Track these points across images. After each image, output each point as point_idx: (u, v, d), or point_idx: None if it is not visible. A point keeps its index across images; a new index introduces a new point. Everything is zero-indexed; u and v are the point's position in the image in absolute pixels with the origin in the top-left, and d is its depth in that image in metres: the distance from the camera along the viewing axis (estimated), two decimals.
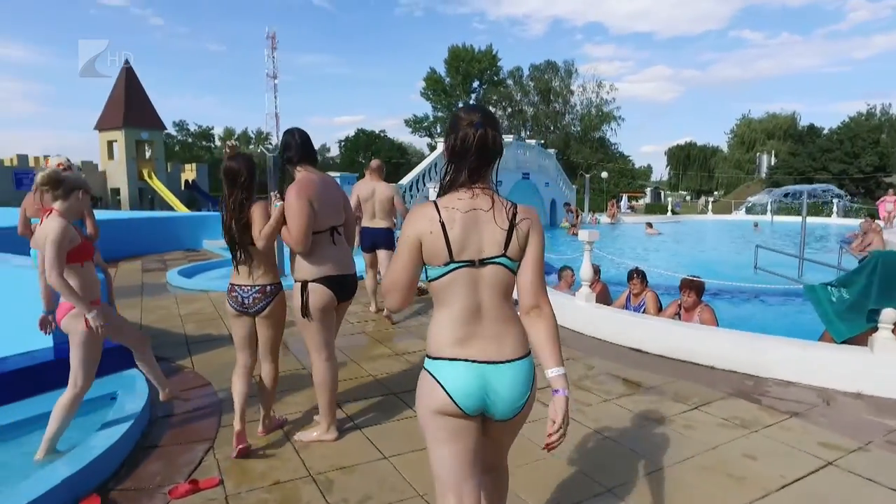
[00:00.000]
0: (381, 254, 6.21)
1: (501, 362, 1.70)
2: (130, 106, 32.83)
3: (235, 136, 67.42)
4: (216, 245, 13.10)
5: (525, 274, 1.76)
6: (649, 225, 20.67)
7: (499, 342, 1.71)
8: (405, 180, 17.63)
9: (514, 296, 1.77)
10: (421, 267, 1.75)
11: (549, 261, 10.12)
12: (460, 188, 1.74)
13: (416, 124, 59.97)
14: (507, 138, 20.80)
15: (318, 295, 3.24)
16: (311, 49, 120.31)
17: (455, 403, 1.68)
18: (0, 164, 30.20)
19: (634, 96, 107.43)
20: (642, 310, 5.99)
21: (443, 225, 1.68)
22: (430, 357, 1.76)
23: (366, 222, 6.20)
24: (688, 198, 58.18)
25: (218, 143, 64.61)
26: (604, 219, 26.54)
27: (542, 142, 32.65)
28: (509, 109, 57.92)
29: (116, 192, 35.57)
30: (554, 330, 1.76)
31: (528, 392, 1.74)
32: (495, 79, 58.80)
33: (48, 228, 2.99)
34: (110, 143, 34.87)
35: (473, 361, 1.69)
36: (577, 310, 5.92)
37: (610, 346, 5.37)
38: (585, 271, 5.93)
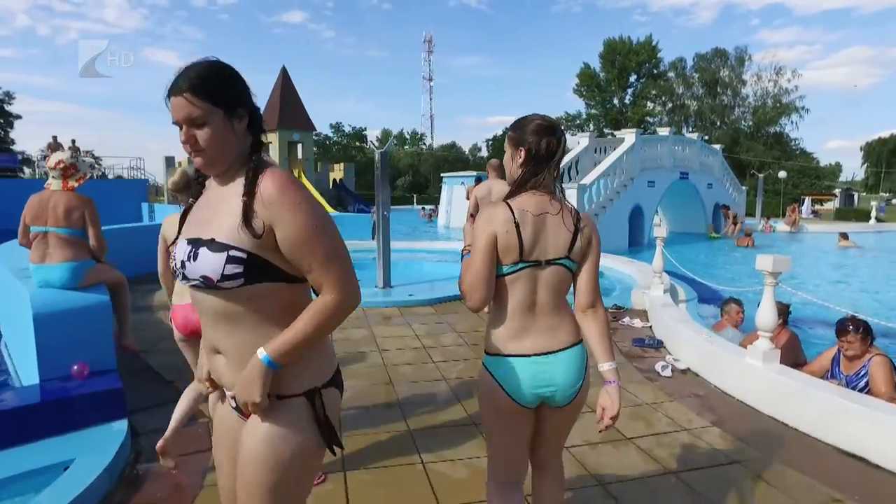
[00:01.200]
0: None
1: (555, 351, 1.77)
2: (285, 108, 34.76)
3: (392, 137, 71.57)
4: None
5: (584, 276, 1.84)
6: (843, 236, 16.76)
7: (552, 334, 1.79)
8: None
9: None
10: (496, 265, 1.77)
11: (716, 289, 7.89)
12: (531, 190, 1.81)
13: (568, 122, 57.66)
14: (663, 131, 18.09)
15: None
16: (467, 51, 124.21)
17: (514, 401, 1.77)
18: (174, 166, 33.52)
19: (819, 84, 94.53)
20: (863, 383, 3.83)
21: (517, 225, 1.74)
22: (488, 354, 1.82)
23: None
24: (894, 201, 48.78)
25: (375, 143, 67.77)
26: (780, 226, 22.48)
27: (706, 137, 28.83)
28: (669, 104, 53.25)
29: None
30: (606, 328, 1.87)
31: (581, 378, 1.81)
32: (654, 72, 54.27)
33: None
34: (267, 145, 37.12)
35: (528, 356, 1.76)
36: (748, 372, 3.96)
37: (809, 444, 3.39)
38: (765, 316, 3.94)
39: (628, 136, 16.16)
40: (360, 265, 10.50)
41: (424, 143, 75.49)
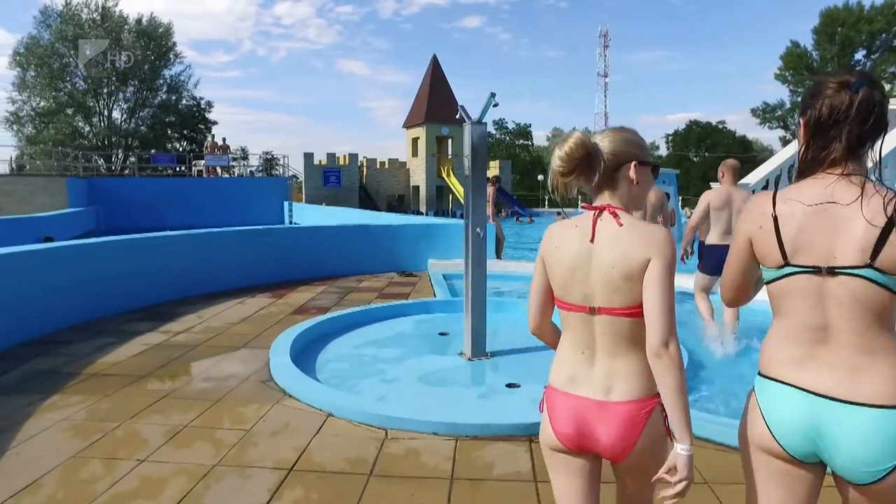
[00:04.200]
0: None
1: (853, 403, 1.21)
2: (433, 101, 32.25)
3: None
4: (445, 267, 8.81)
5: None
6: None
7: (854, 376, 1.23)
8: (752, 178, 12.43)
9: None
10: (756, 266, 1.39)
11: None
12: (818, 174, 1.29)
13: (765, 114, 48.53)
14: None
15: None
16: (648, 45, 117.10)
17: (775, 439, 1.32)
18: (312, 164, 32.59)
19: None
20: None
21: (775, 220, 1.30)
22: (759, 374, 1.40)
23: (714, 239, 5.11)
24: None
25: (544, 141, 64.66)
26: None
27: None
28: None
29: (417, 189, 35.77)
30: None
31: (894, 459, 1.17)
32: (895, 43, 42.88)
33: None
34: (415, 141, 35.20)
35: (807, 391, 1.27)
36: None
37: None
38: None
39: None
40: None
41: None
